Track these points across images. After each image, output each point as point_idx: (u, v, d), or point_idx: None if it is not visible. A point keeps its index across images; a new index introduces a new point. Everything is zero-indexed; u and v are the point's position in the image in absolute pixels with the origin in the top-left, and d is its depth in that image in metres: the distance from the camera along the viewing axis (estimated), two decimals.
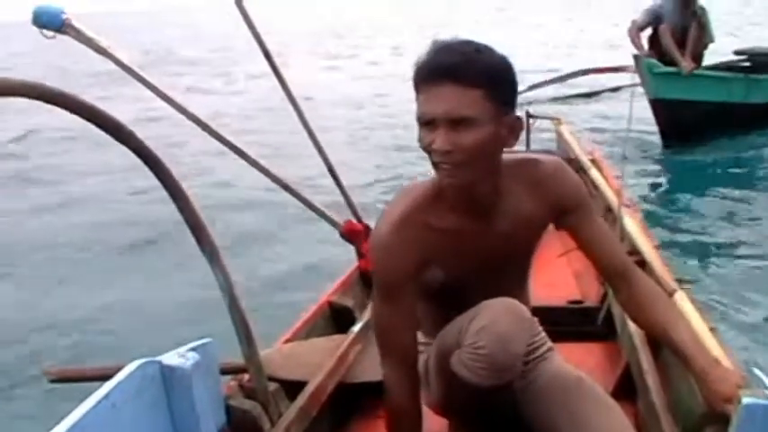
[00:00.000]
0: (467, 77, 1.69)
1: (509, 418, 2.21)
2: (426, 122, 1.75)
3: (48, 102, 1.37)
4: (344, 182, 3.56)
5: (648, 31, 8.86)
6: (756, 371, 1.71)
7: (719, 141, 8.93)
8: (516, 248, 2.02)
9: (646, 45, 8.82)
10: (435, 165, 1.79)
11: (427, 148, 1.77)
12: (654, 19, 8.70)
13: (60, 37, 2.74)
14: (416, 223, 1.88)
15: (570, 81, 13.02)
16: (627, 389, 2.51)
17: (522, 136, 5.75)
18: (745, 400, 1.52)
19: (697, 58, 8.69)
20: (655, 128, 8.91)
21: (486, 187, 1.87)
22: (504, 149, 1.84)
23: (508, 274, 2.05)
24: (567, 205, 1.98)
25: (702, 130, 8.75)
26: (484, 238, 1.92)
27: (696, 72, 8.56)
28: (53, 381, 2.01)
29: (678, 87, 8.49)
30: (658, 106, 8.57)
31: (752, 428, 1.52)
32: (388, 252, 1.89)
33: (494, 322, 1.82)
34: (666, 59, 8.55)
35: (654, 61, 8.48)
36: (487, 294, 1.91)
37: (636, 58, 8.57)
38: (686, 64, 8.44)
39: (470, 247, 1.92)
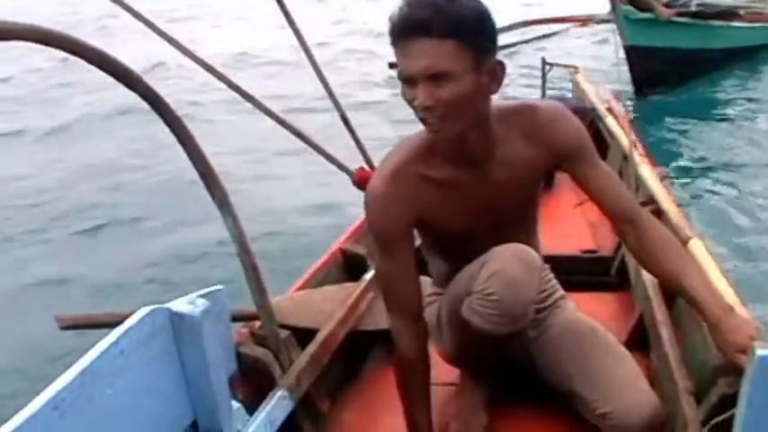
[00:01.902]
0: (439, 30, 1.66)
1: (522, 367, 2.21)
2: (405, 79, 1.73)
3: (54, 46, 1.34)
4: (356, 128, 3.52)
5: None
6: None
7: (686, 86, 9.33)
8: (516, 197, 2.01)
9: None
10: (421, 120, 1.77)
11: (410, 104, 1.75)
12: None
13: None
14: (410, 176, 1.88)
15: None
16: (640, 340, 2.50)
17: (538, 83, 5.79)
18: (759, 352, 1.50)
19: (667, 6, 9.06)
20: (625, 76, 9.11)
21: (475, 137, 1.84)
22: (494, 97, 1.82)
23: (512, 223, 2.03)
24: (566, 151, 1.96)
25: (672, 77, 9.05)
26: (481, 188, 1.91)
27: (673, 19, 8.90)
28: (64, 327, 2.01)
29: (653, 34, 8.75)
30: (633, 53, 8.81)
31: (766, 380, 1.50)
32: (382, 205, 1.89)
33: (504, 268, 1.82)
34: (641, 7, 8.79)
35: (630, 8, 8.69)
36: (493, 244, 1.90)
37: (613, 3, 8.73)
38: (663, 9, 8.81)
39: (468, 197, 1.91)
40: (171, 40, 2.91)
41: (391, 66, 10.91)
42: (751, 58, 10.36)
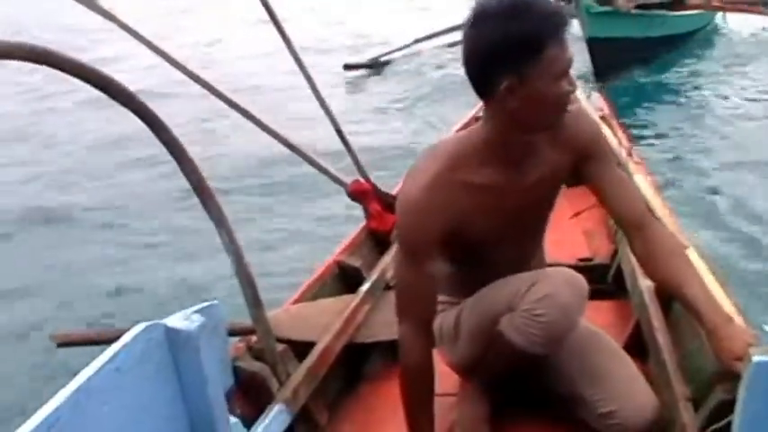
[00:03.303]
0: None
1: (526, 374, 2.21)
2: (564, 72, 1.77)
3: (43, 63, 1.34)
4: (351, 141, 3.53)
5: None
6: (767, 328, 1.69)
7: (641, 71, 10.12)
8: (541, 200, 2.04)
9: None
10: (554, 114, 1.82)
11: (565, 98, 1.80)
12: None
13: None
14: (451, 183, 1.88)
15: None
16: (637, 347, 2.50)
17: None
18: (756, 359, 1.50)
19: None
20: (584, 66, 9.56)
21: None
22: None
23: (531, 229, 2.08)
24: (587, 150, 1.99)
25: (629, 64, 9.67)
26: (514, 191, 1.93)
27: (632, 11, 9.69)
28: (60, 345, 2.02)
29: (612, 26, 9.32)
30: (594, 45, 9.33)
31: (762, 387, 1.50)
32: (420, 214, 1.88)
33: (557, 293, 1.88)
34: (599, 1, 9.50)
35: (590, 2, 9.30)
36: (513, 251, 1.94)
37: None
38: (624, 2, 9.58)
39: (501, 200, 1.93)
40: (161, 52, 2.92)
41: (347, 67, 10.99)
42: (694, 41, 11.80)
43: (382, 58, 11.58)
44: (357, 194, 3.39)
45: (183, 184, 1.78)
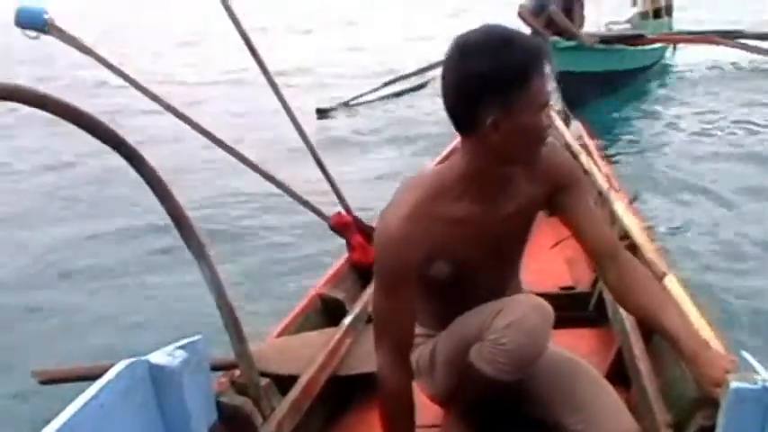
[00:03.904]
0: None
1: (507, 403, 2.22)
2: (546, 103, 1.80)
3: (22, 102, 1.36)
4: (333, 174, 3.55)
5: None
6: (745, 354, 1.70)
7: (604, 102, 10.50)
8: (517, 231, 2.05)
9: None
10: (535, 147, 1.85)
11: (545, 131, 1.83)
12: (539, 3, 9.66)
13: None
14: (427, 215, 1.88)
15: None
16: (619, 374, 2.51)
17: None
18: (734, 385, 1.52)
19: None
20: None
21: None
22: None
23: (507, 260, 2.09)
24: (562, 182, 2.00)
25: (593, 96, 9.91)
26: (490, 224, 1.94)
27: (595, 46, 10.13)
28: (42, 382, 2.01)
29: (578, 60, 9.72)
30: (562, 78, 9.21)
31: (740, 412, 1.52)
32: (398, 246, 1.88)
33: (521, 320, 1.87)
34: (565, 37, 9.81)
35: (558, 39, 9.69)
36: (489, 282, 1.95)
37: (538, 34, 9.44)
38: (589, 37, 10.04)
39: (477, 233, 1.93)
40: (149, 94, 2.95)
41: (320, 112, 11.11)
42: (650, 74, 12.64)
43: (351, 102, 11.84)
44: (339, 227, 3.40)
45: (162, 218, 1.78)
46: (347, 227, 3.39)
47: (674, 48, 13.68)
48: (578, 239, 2.06)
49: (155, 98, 2.98)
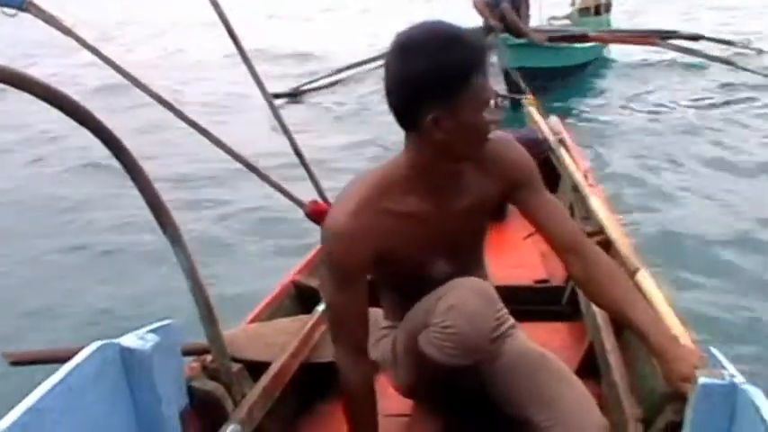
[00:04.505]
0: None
1: (475, 397, 2.23)
2: (488, 101, 1.79)
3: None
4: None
5: None
6: (714, 350, 1.72)
7: (555, 94, 10.74)
8: (472, 227, 2.06)
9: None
10: (477, 144, 1.85)
11: (488, 128, 1.82)
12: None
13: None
14: (375, 210, 1.88)
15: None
16: (590, 368, 2.53)
17: None
18: (702, 380, 1.53)
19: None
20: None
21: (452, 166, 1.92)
22: None
23: (466, 253, 2.08)
24: (516, 180, 2.01)
25: (545, 90, 10.06)
26: (441, 218, 1.94)
27: (544, 43, 10.65)
28: (13, 363, 1.99)
29: (527, 56, 10.19)
30: (510, 74, 10.04)
31: (708, 407, 1.53)
32: (345, 240, 1.88)
33: (462, 302, 1.86)
34: (514, 34, 10.36)
35: (507, 35, 10.18)
36: (447, 276, 1.94)
37: (489, 29, 10.07)
38: (538, 35, 10.59)
39: (429, 228, 1.93)
40: (127, 75, 2.92)
41: (277, 96, 11.18)
42: (590, 69, 13.32)
43: (303, 87, 12.21)
44: (315, 215, 3.38)
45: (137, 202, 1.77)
46: (323, 215, 3.36)
47: (608, 47, 14.38)
48: (541, 235, 2.07)
49: (134, 81, 2.96)
